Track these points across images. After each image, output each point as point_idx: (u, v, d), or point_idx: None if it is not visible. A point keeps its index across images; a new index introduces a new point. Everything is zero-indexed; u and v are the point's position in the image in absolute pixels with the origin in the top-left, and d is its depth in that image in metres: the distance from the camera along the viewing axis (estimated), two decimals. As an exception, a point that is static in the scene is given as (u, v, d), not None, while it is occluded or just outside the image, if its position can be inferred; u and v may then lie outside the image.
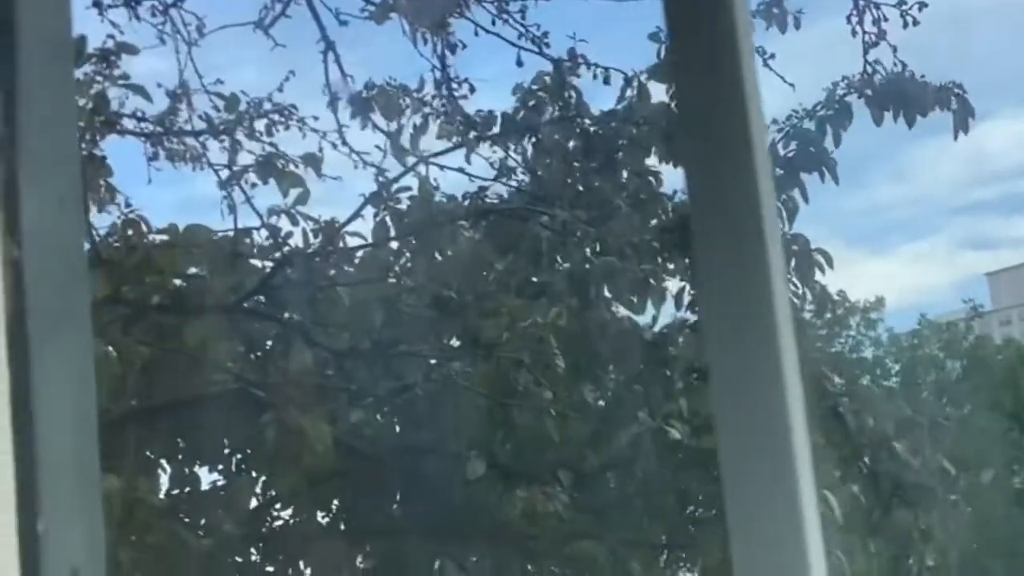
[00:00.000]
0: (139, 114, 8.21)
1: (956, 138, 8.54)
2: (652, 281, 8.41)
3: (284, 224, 7.92)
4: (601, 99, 9.51)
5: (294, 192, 8.05)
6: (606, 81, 9.10)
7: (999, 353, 47.05)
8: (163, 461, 7.37)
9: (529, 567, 7.64)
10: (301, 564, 7.69)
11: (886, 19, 8.78)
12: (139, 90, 7.82)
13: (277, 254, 7.87)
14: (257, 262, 7.88)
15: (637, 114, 9.07)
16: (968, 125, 8.67)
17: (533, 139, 9.23)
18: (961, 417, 35.82)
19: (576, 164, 9.25)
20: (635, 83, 9.03)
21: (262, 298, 7.66)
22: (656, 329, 8.34)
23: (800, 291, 8.82)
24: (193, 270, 7.73)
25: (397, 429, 7.86)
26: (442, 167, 8.59)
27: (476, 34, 8.84)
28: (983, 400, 43.13)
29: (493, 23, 8.82)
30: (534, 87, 9.21)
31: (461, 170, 8.66)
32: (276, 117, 8.43)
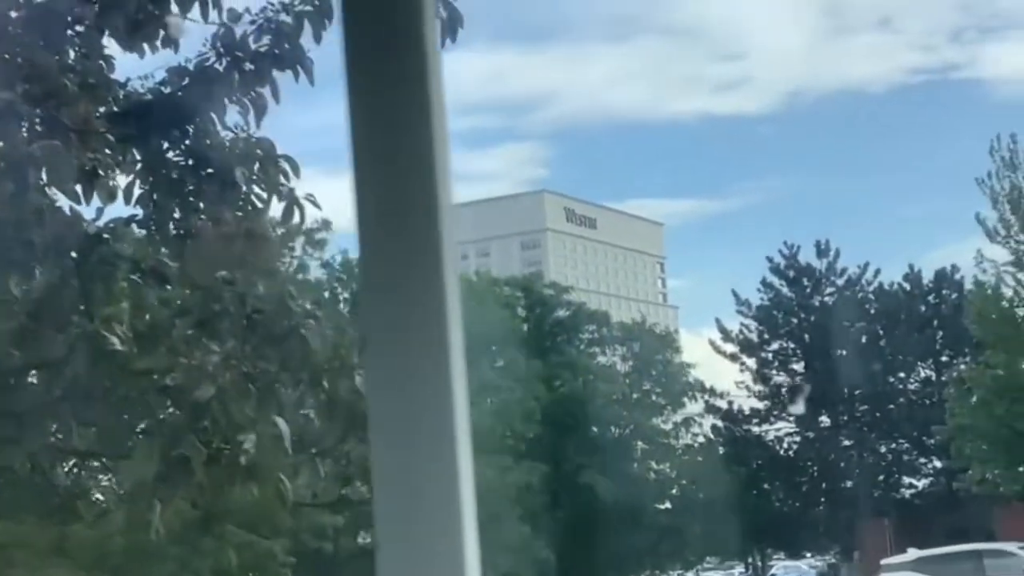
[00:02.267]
0: None
1: (443, 45, 8.54)
2: (100, 172, 8.00)
3: None
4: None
5: None
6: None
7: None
8: None
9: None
10: None
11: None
12: None
13: None
14: None
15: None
16: (456, 34, 8.67)
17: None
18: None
19: (19, 34, 8.65)
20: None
21: None
22: (100, 223, 7.95)
23: (266, 197, 8.61)
24: None
25: None
26: None
27: None
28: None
29: None
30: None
31: None
32: None
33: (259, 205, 8.61)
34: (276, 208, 8.64)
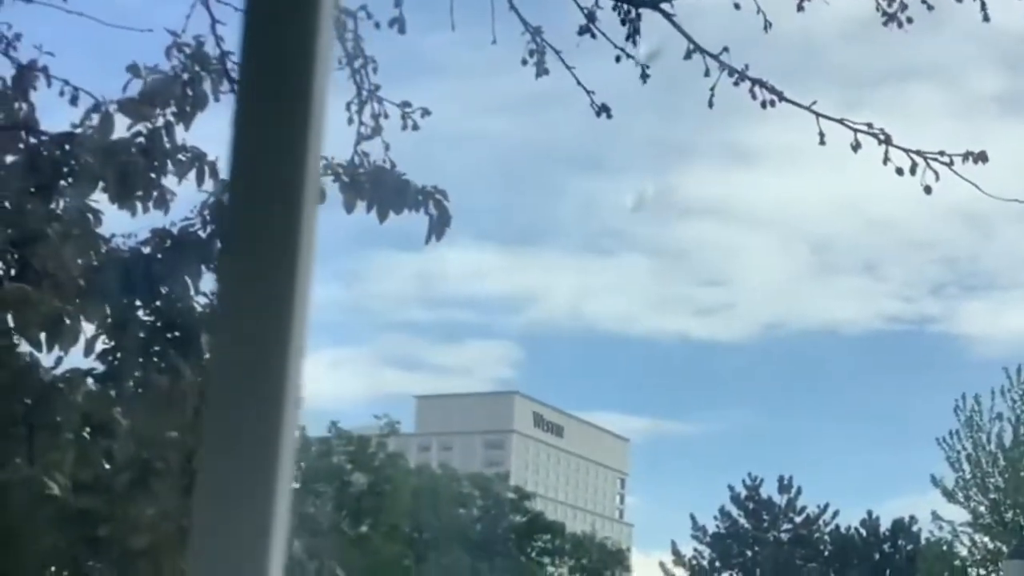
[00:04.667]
0: None
1: (428, 241, 8.71)
2: (67, 320, 8.11)
3: None
4: (61, 119, 9.16)
5: None
6: (73, 101, 8.80)
7: (412, 476, 48.43)
8: None
9: None
10: None
11: (386, 116, 8.97)
12: None
13: None
14: None
15: (95, 144, 8.78)
16: (443, 233, 8.83)
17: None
18: (358, 534, 36.36)
19: (14, 180, 8.85)
20: (102, 110, 8.77)
21: None
22: (58, 372, 8.04)
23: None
24: None
25: None
26: None
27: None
28: (384, 520, 44.10)
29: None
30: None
31: None
32: None
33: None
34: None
